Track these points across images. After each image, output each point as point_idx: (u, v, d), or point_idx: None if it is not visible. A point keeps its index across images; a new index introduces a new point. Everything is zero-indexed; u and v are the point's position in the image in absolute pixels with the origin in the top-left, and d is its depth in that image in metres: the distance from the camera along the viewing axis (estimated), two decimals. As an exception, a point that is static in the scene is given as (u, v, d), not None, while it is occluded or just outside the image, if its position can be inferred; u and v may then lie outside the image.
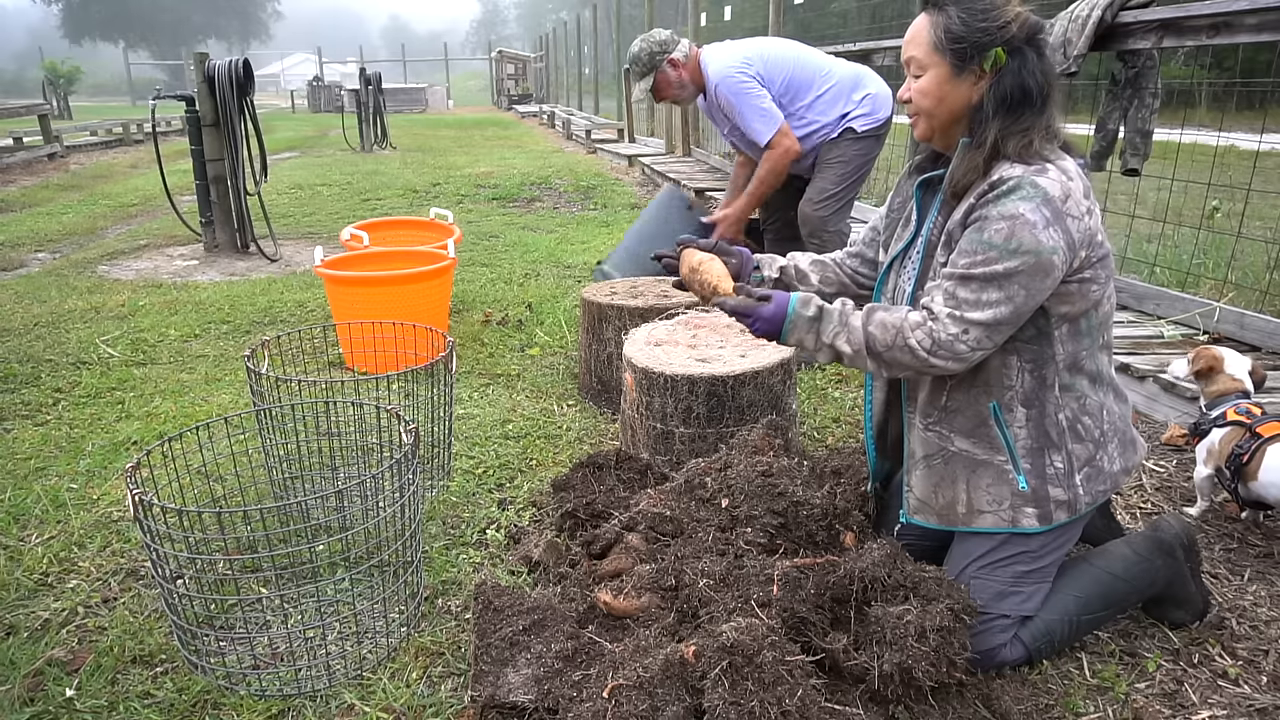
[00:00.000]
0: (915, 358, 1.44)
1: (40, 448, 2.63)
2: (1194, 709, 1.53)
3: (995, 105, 1.42)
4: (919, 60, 1.48)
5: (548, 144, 13.82)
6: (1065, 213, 1.37)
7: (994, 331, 1.41)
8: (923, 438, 1.63)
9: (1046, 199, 1.36)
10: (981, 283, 1.38)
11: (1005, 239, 1.36)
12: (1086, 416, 1.54)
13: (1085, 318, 1.49)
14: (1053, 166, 1.40)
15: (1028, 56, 1.43)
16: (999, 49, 1.41)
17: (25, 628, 1.78)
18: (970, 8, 1.43)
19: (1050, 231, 1.35)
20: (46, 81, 20.72)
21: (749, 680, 1.29)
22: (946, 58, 1.44)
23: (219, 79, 5.07)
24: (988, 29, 1.41)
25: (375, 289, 3.24)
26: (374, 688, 1.61)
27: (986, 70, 1.43)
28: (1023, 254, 1.35)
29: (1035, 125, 1.42)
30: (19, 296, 4.42)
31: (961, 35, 1.42)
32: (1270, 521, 2.08)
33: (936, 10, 1.46)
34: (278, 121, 19.15)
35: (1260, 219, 4.94)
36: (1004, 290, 1.37)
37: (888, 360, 1.48)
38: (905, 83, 1.53)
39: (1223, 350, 2.16)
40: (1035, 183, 1.37)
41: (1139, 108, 3.50)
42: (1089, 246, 1.42)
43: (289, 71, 49.43)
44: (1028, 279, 1.36)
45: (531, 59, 28.19)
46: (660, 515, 1.85)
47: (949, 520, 1.61)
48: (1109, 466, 1.58)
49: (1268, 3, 2.69)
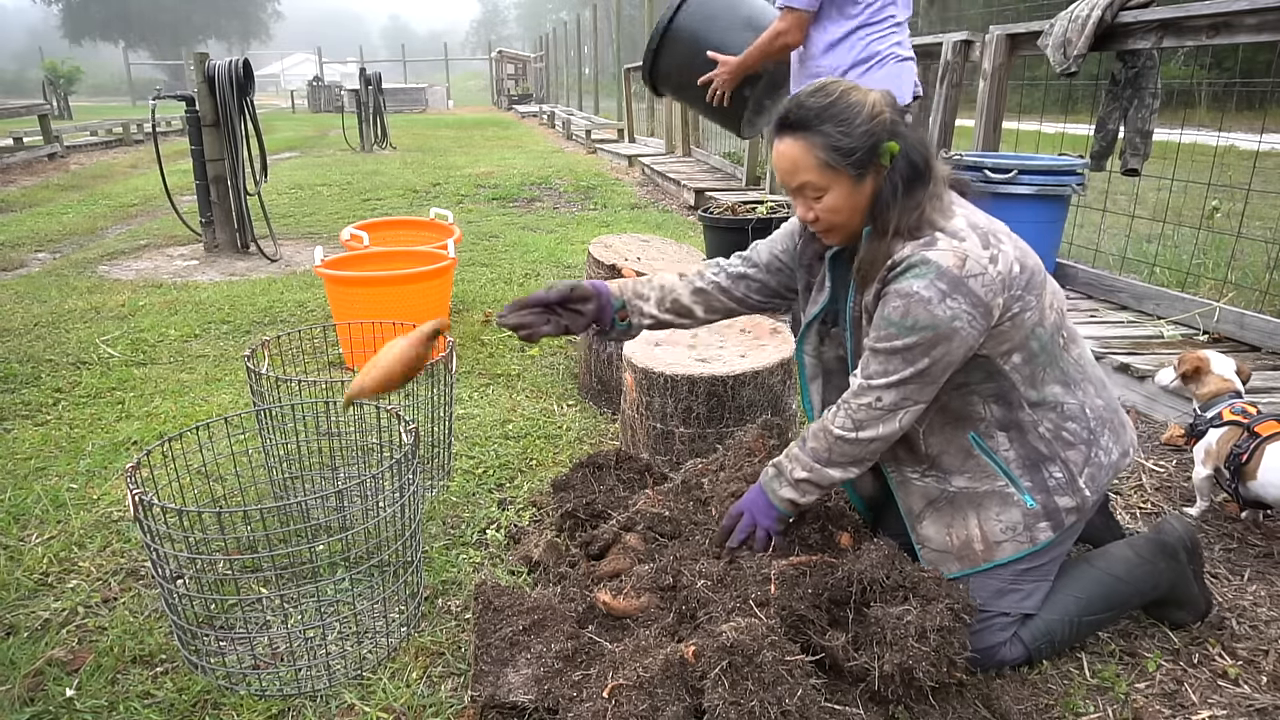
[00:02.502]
0: (852, 441, 1.51)
1: (40, 448, 2.63)
2: (1194, 709, 1.53)
3: (893, 191, 1.43)
4: (814, 184, 1.47)
5: (548, 144, 13.83)
6: (964, 278, 1.38)
7: (908, 393, 1.46)
8: (919, 488, 1.63)
9: (940, 273, 1.38)
10: (886, 355, 1.44)
11: (901, 316, 1.40)
12: (1070, 422, 1.54)
13: (1032, 339, 1.49)
14: (942, 235, 1.42)
15: (904, 134, 1.45)
16: (889, 143, 1.43)
17: (25, 628, 1.78)
18: (843, 119, 1.42)
19: (947, 303, 1.38)
20: (46, 81, 20.71)
21: (749, 680, 1.29)
22: (846, 171, 1.44)
23: (219, 79, 5.07)
24: (871, 130, 1.42)
25: (375, 289, 3.24)
26: (374, 688, 1.61)
27: (886, 165, 1.44)
28: (919, 330, 1.39)
29: (923, 198, 1.44)
30: (19, 296, 4.42)
31: (853, 147, 1.42)
32: (1270, 521, 2.08)
33: (806, 133, 1.44)
34: (278, 121, 19.15)
35: (1260, 219, 4.94)
36: (908, 361, 1.43)
37: (838, 458, 1.54)
38: (802, 206, 1.52)
39: (1207, 352, 2.17)
40: (926, 259, 1.39)
41: (1139, 108, 3.51)
42: (1008, 288, 1.43)
43: (289, 71, 49.42)
44: (929, 348, 1.41)
45: (531, 59, 28.19)
46: (659, 516, 1.85)
47: (970, 561, 1.58)
48: (1107, 459, 1.57)
49: (1268, 3, 2.69)
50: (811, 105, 1.44)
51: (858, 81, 1.79)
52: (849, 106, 1.43)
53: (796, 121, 1.45)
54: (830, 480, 1.57)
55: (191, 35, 54.51)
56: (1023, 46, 3.86)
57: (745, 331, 2.58)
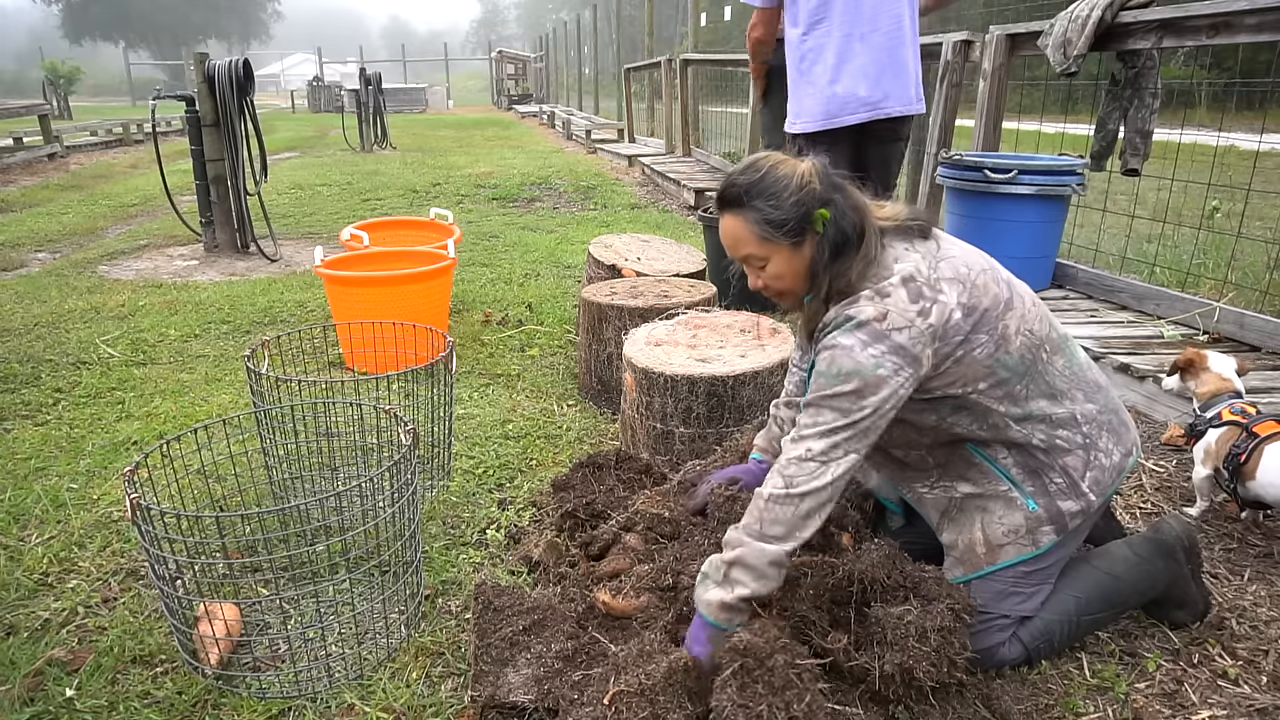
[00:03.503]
0: (784, 499, 1.41)
1: (40, 448, 2.63)
2: (1194, 709, 1.53)
3: (826, 258, 1.49)
4: (756, 255, 1.54)
5: (548, 144, 13.83)
6: (886, 331, 1.42)
7: (838, 442, 1.42)
8: (931, 500, 1.68)
9: (859, 325, 1.43)
10: (815, 407, 1.44)
11: (828, 366, 1.43)
12: (1061, 429, 1.54)
13: (998, 367, 1.49)
14: (866, 294, 1.46)
15: (836, 200, 1.49)
16: (819, 211, 1.48)
17: (25, 628, 1.78)
18: (772, 193, 1.48)
19: (869, 351, 1.41)
20: (46, 81, 20.72)
21: (759, 683, 1.29)
22: (783, 241, 1.50)
23: (219, 79, 5.06)
24: (800, 200, 1.48)
25: (375, 289, 3.24)
26: (374, 688, 1.61)
27: (820, 230, 1.49)
28: (845, 376, 1.41)
29: (852, 262, 1.48)
30: (19, 296, 4.42)
31: (783, 219, 1.48)
32: (1270, 521, 2.08)
33: (740, 209, 1.51)
34: (278, 121, 19.15)
35: (1260, 219, 4.94)
36: (836, 410, 1.42)
37: (770, 527, 1.41)
38: (751, 275, 1.60)
39: (1205, 351, 2.18)
40: (848, 315, 1.45)
41: (1139, 108, 3.51)
42: (940, 339, 1.44)
43: (289, 71, 49.41)
44: (857, 397, 1.41)
45: (531, 59, 28.19)
46: (658, 517, 1.85)
47: (974, 565, 1.59)
48: (1109, 460, 1.57)
49: (1268, 3, 2.69)
50: (742, 183, 1.51)
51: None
52: (777, 180, 1.49)
53: (731, 199, 1.53)
54: (764, 558, 1.40)
55: (191, 35, 54.47)
56: (1023, 46, 3.86)
57: (745, 332, 2.58)
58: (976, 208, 3.76)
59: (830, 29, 2.94)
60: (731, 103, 9.07)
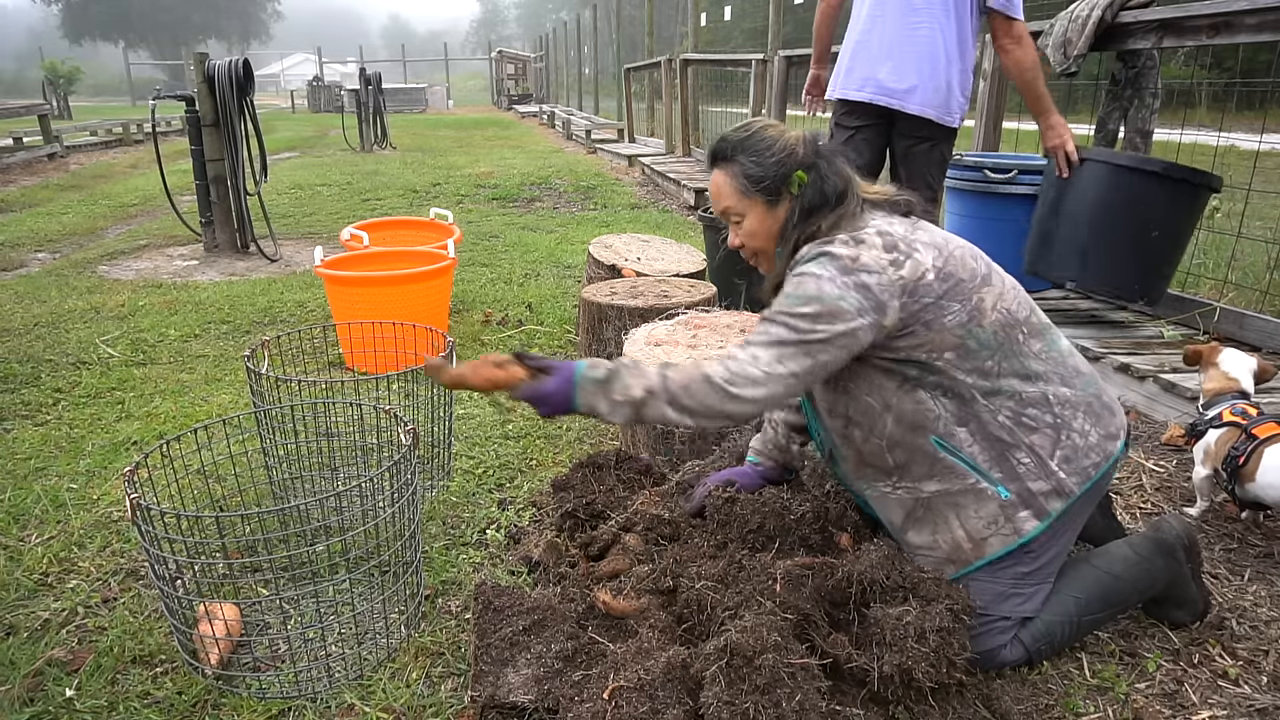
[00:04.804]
0: (713, 388, 1.43)
1: (40, 448, 2.63)
2: (1194, 709, 1.53)
3: (798, 216, 1.57)
4: (735, 209, 1.63)
5: (548, 144, 13.83)
6: (855, 269, 1.46)
7: (782, 357, 1.44)
8: (894, 500, 1.63)
9: (832, 258, 1.48)
10: (770, 322, 1.48)
11: (794, 289, 1.48)
12: (1030, 408, 1.53)
13: (968, 338, 1.49)
14: (838, 239, 1.52)
15: (820, 166, 1.58)
16: (798, 172, 1.57)
17: (25, 628, 1.78)
18: (756, 150, 1.59)
19: (837, 282, 1.45)
20: (46, 81, 20.71)
21: (745, 681, 1.29)
22: (759, 198, 1.60)
23: (219, 79, 5.07)
24: (781, 160, 1.57)
25: (375, 289, 3.24)
26: (374, 688, 1.61)
27: (794, 193, 1.58)
28: (804, 299, 1.45)
29: (827, 216, 1.55)
30: (19, 296, 4.42)
31: (761, 175, 1.58)
32: (1270, 521, 2.08)
33: (726, 163, 1.62)
34: (278, 121, 19.15)
35: (1260, 219, 4.94)
36: (788, 326, 1.45)
37: (686, 402, 1.44)
38: (732, 233, 1.68)
39: (1221, 346, 2.15)
40: (821, 249, 1.51)
41: (1139, 108, 3.51)
42: (909, 293, 1.47)
43: (289, 71, 49.43)
44: (812, 318, 1.44)
45: (531, 59, 28.19)
46: (658, 517, 1.85)
47: (963, 561, 1.58)
48: (1085, 440, 1.55)
49: (1268, 3, 2.69)
50: (731, 138, 1.62)
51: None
52: (762, 140, 1.60)
53: (719, 153, 1.63)
54: (658, 415, 1.45)
55: (191, 35, 54.48)
56: (1023, 46, 3.85)
57: (745, 332, 2.58)
58: (976, 208, 3.76)
59: (882, 13, 2.97)
60: (731, 103, 9.07)
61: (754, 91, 7.11)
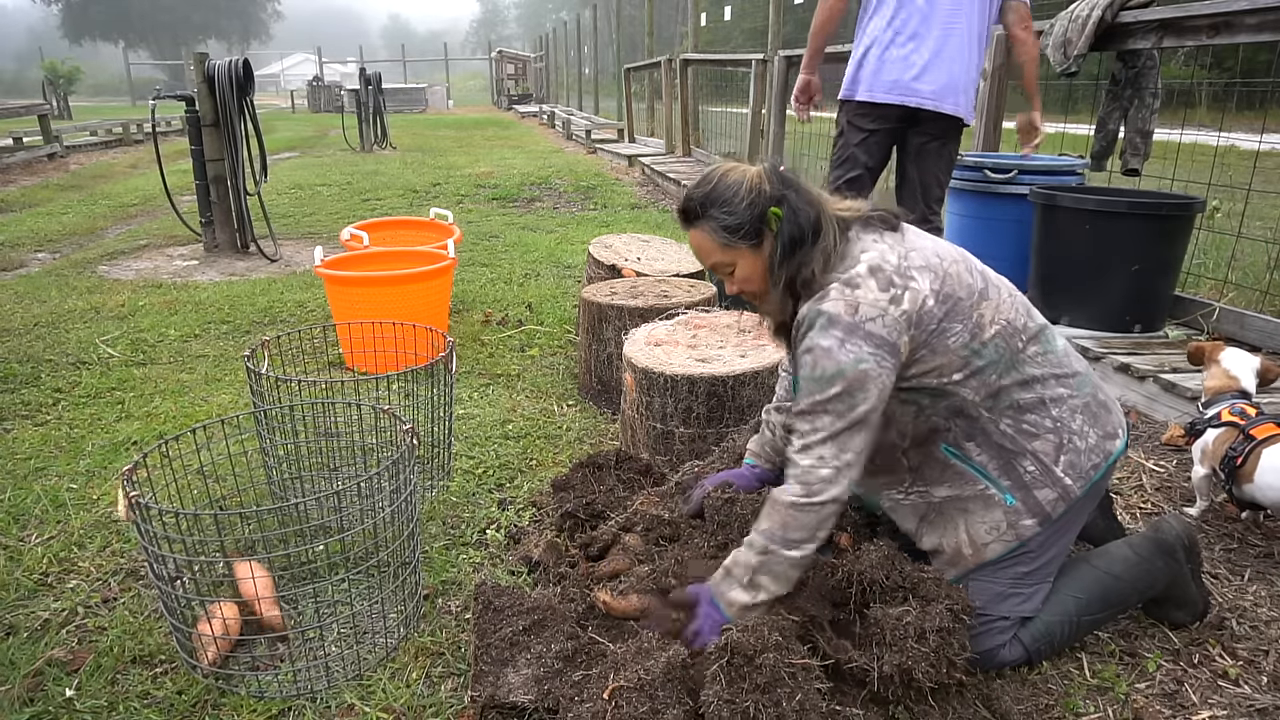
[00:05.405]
0: (801, 510, 1.45)
1: (40, 448, 2.63)
2: (1194, 709, 1.53)
3: (782, 253, 1.54)
4: (723, 262, 1.60)
5: (548, 144, 13.83)
6: (859, 323, 1.44)
7: (843, 444, 1.45)
8: (908, 507, 1.66)
9: (833, 320, 1.45)
10: (812, 415, 1.46)
11: (811, 370, 1.46)
12: (1028, 414, 1.54)
13: (974, 357, 1.50)
14: (835, 287, 1.48)
15: (789, 198, 1.53)
16: (772, 209, 1.53)
17: (25, 628, 1.78)
18: (724, 200, 1.54)
19: (847, 348, 1.43)
20: (46, 81, 20.71)
21: (745, 680, 1.29)
22: (742, 245, 1.56)
23: (219, 79, 5.06)
24: (752, 202, 1.53)
25: (375, 289, 3.24)
26: (374, 688, 1.61)
27: (775, 229, 1.54)
28: (829, 379, 1.44)
29: (810, 257, 1.51)
30: (19, 296, 4.42)
31: (738, 224, 1.54)
32: (1270, 521, 2.08)
33: (700, 220, 1.57)
34: (278, 121, 19.15)
35: (1260, 219, 4.94)
36: (830, 413, 1.45)
37: (794, 533, 1.46)
38: (726, 282, 1.65)
39: (1225, 344, 2.15)
40: (820, 310, 1.47)
41: (1139, 108, 3.51)
42: (915, 325, 1.47)
43: (289, 71, 49.43)
44: (848, 396, 1.44)
45: (531, 59, 28.19)
46: (658, 517, 1.85)
47: (964, 566, 1.59)
48: (1085, 443, 1.55)
49: (1268, 3, 2.69)
50: (697, 196, 1.57)
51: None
52: (728, 188, 1.54)
53: (689, 213, 1.59)
54: (788, 564, 1.46)
55: (191, 35, 54.45)
56: (1023, 46, 3.85)
57: (745, 332, 2.58)
58: (976, 207, 3.76)
59: (911, 14, 2.94)
60: (731, 103, 9.07)
61: (754, 92, 7.11)
